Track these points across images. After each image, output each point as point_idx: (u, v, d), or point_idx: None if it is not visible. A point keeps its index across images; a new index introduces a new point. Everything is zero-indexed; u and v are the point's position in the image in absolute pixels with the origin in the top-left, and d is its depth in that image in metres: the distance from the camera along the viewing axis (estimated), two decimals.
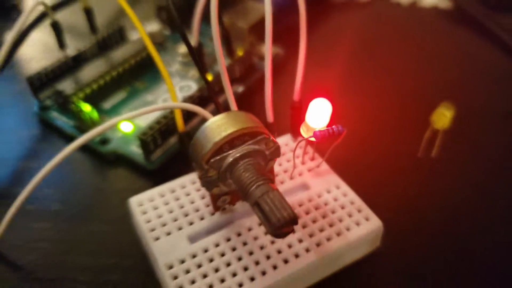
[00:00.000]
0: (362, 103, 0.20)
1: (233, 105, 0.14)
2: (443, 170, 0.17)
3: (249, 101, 0.19)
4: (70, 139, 0.18)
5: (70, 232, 0.15)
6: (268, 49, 0.13)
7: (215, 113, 0.13)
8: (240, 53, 0.20)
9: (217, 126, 0.12)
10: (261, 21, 0.21)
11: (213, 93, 0.15)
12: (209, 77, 0.20)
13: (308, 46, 0.15)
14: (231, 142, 0.12)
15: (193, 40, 0.19)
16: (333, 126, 0.13)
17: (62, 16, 0.22)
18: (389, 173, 0.17)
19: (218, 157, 0.12)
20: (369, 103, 0.20)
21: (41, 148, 0.19)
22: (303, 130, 0.14)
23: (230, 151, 0.12)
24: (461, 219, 0.15)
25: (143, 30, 0.16)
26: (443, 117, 0.17)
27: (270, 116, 0.14)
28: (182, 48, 0.22)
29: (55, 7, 0.22)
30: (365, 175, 0.16)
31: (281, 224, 0.11)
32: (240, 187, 0.12)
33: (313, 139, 0.13)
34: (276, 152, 0.13)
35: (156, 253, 0.13)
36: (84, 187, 0.17)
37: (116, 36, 0.22)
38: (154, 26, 0.22)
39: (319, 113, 0.14)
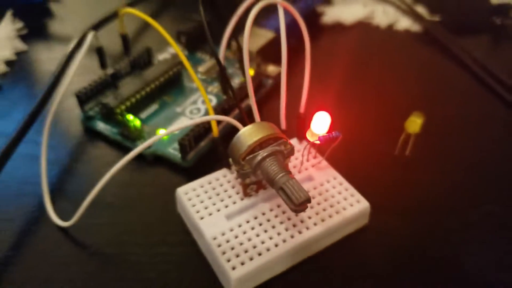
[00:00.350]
0: (349, 111, 0.24)
1: (257, 116, 0.18)
2: (415, 165, 0.21)
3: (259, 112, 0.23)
4: (114, 143, 0.22)
5: (124, 218, 0.19)
6: (284, 74, 0.18)
7: (238, 120, 0.17)
8: (251, 72, 0.25)
9: (249, 134, 0.16)
10: (266, 45, 0.26)
11: (240, 106, 0.19)
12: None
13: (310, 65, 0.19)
14: (260, 144, 0.16)
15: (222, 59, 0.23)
16: (333, 132, 0.17)
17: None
18: (373, 167, 0.21)
19: (251, 156, 0.16)
20: (355, 111, 0.24)
21: (86, 150, 0.23)
22: (308, 135, 0.19)
23: (260, 151, 0.16)
24: (431, 202, 0.20)
25: (182, 54, 0.19)
26: (414, 123, 0.22)
27: (283, 124, 0.19)
28: (201, 68, 0.26)
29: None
30: (355, 169, 0.20)
31: (300, 202, 0.15)
32: (267, 177, 0.16)
33: (318, 142, 0.17)
34: (292, 151, 0.17)
35: (203, 229, 0.17)
36: (131, 183, 0.20)
37: (144, 56, 0.26)
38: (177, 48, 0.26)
39: (321, 123, 0.18)
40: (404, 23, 0.32)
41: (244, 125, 0.17)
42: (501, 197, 0.20)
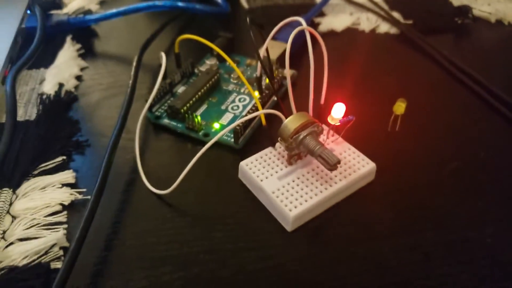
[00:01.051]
0: (349, 100, 0.31)
1: (293, 108, 0.25)
2: (403, 136, 0.29)
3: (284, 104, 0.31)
4: (180, 135, 0.29)
5: (203, 187, 0.26)
6: (311, 77, 0.25)
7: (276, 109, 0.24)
8: (275, 74, 0.32)
9: (293, 120, 0.24)
10: (282, 54, 0.33)
11: (279, 99, 0.26)
12: (257, 93, 0.31)
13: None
14: (301, 127, 0.24)
15: (258, 69, 0.30)
16: (349, 116, 0.25)
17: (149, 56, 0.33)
18: (374, 140, 0.29)
19: (296, 135, 0.24)
20: (353, 99, 0.31)
21: (154, 141, 0.29)
22: (330, 119, 0.26)
23: (301, 132, 0.24)
24: (416, 161, 0.27)
25: (236, 68, 0.27)
26: (400, 107, 0.29)
27: (311, 112, 0.26)
28: (234, 74, 0.33)
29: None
30: (361, 142, 0.28)
31: (334, 163, 0.23)
32: (308, 149, 0.23)
33: (338, 124, 0.25)
34: (322, 131, 0.24)
35: (264, 187, 0.24)
36: (199, 164, 0.26)
37: (189, 68, 0.33)
38: (213, 60, 0.33)
39: (339, 110, 0.26)
40: (384, 27, 0.40)
41: (282, 113, 0.24)
42: (463, 155, 0.28)
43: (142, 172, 0.26)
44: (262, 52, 0.28)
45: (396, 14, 0.40)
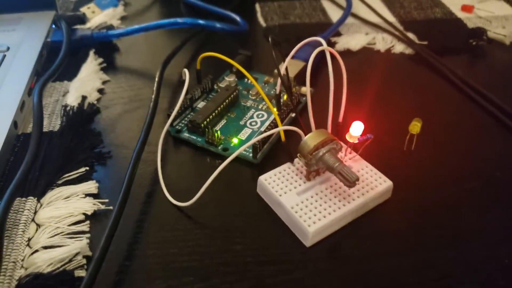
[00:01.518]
0: (365, 119, 0.32)
1: (313, 125, 0.26)
2: (418, 156, 0.29)
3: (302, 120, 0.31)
4: (199, 149, 0.30)
5: (222, 200, 0.26)
6: (331, 98, 0.26)
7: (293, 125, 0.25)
8: (293, 91, 0.33)
9: (313, 137, 0.24)
10: (300, 72, 0.34)
11: (298, 116, 0.27)
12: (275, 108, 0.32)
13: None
14: (321, 144, 0.24)
15: (278, 87, 0.31)
16: (367, 135, 0.25)
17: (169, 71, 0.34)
18: (389, 158, 0.29)
19: (315, 152, 0.24)
20: (369, 119, 0.32)
21: (174, 154, 0.30)
22: (348, 137, 0.27)
23: (321, 149, 0.24)
24: (430, 180, 0.28)
25: (257, 84, 0.27)
26: (416, 126, 0.30)
27: (329, 129, 0.27)
28: (252, 91, 0.34)
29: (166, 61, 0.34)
30: (377, 160, 0.28)
31: (353, 180, 0.23)
32: (327, 166, 0.24)
33: (356, 141, 0.25)
34: (341, 148, 0.25)
35: (284, 202, 0.25)
36: (218, 177, 0.26)
37: (208, 84, 0.34)
38: (232, 77, 0.34)
39: (358, 129, 0.26)
40: (399, 47, 0.40)
41: (301, 129, 0.25)
42: (480, 174, 0.28)
43: (163, 185, 0.27)
44: (282, 69, 0.29)
45: (411, 35, 0.41)
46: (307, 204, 0.25)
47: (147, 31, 0.38)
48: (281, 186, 0.26)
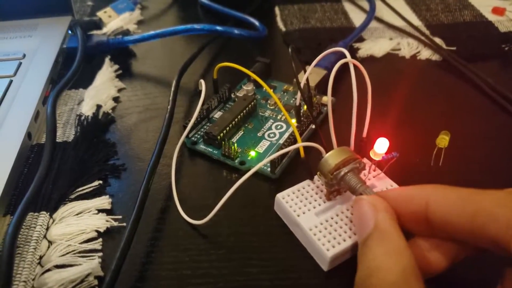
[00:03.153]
0: (389, 132, 0.30)
1: (334, 141, 0.24)
2: (447, 172, 0.28)
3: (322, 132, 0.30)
4: (215, 161, 0.29)
5: (238, 218, 0.25)
6: (354, 113, 0.24)
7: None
8: (313, 100, 0.31)
9: (335, 155, 0.23)
10: (321, 81, 0.33)
11: (319, 131, 0.26)
12: (294, 120, 0.31)
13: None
14: (343, 164, 0.23)
15: (298, 99, 0.30)
16: (392, 153, 0.24)
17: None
18: (415, 175, 0.28)
19: (336, 172, 0.23)
20: (394, 131, 0.30)
21: (189, 166, 0.29)
22: (372, 154, 0.25)
23: (343, 168, 0.23)
24: None
25: (275, 96, 0.26)
26: (443, 140, 0.28)
27: (352, 145, 0.25)
28: (271, 100, 0.33)
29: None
30: (402, 177, 0.27)
31: None
32: (349, 186, 0.23)
33: (380, 159, 0.24)
34: (363, 167, 0.24)
35: (301, 223, 0.23)
36: (234, 193, 0.25)
37: (225, 93, 0.32)
38: (249, 86, 0.33)
39: (383, 146, 0.25)
40: (426, 53, 0.38)
41: (322, 145, 0.24)
42: None
43: (178, 202, 0.26)
44: (302, 79, 0.28)
45: (438, 40, 0.39)
46: (327, 226, 0.23)
47: (164, 37, 0.37)
48: (300, 205, 0.24)
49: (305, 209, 0.24)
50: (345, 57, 0.25)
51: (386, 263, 0.18)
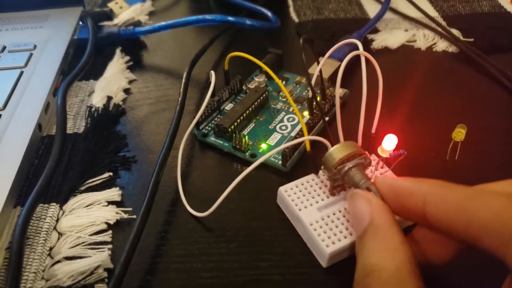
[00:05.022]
0: (403, 125, 0.29)
1: (341, 136, 0.24)
2: (463, 166, 0.27)
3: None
4: (226, 154, 0.28)
5: (249, 211, 0.25)
6: (363, 109, 0.24)
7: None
8: (327, 92, 0.31)
9: (339, 150, 0.22)
10: (334, 72, 0.32)
11: (327, 126, 0.25)
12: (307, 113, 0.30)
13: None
14: (347, 158, 0.22)
15: (310, 91, 0.29)
16: (400, 150, 0.23)
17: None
18: (429, 170, 0.27)
19: (341, 166, 0.22)
20: (407, 124, 0.30)
21: (200, 159, 0.29)
22: (379, 151, 0.24)
23: (347, 163, 0.22)
24: None
25: (286, 91, 0.26)
26: (460, 133, 0.27)
27: (360, 142, 0.25)
28: (283, 92, 0.32)
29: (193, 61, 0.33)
30: (416, 172, 0.26)
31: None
32: (353, 182, 0.22)
33: (388, 156, 0.23)
34: (369, 163, 0.23)
35: (302, 218, 0.23)
36: (244, 184, 0.24)
37: (237, 84, 0.32)
38: (261, 77, 0.32)
39: (391, 143, 0.24)
40: (442, 45, 0.37)
41: (329, 140, 0.23)
42: None
43: (182, 194, 0.25)
44: (316, 71, 0.27)
45: (455, 31, 0.38)
46: (328, 221, 0.23)
47: (175, 28, 0.37)
48: (302, 199, 0.24)
49: (307, 204, 0.23)
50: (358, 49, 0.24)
51: (381, 260, 0.18)
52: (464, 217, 0.17)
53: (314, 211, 0.23)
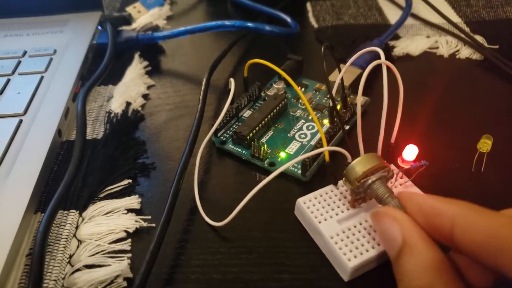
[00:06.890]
0: (426, 135, 0.29)
1: (361, 147, 0.23)
2: (489, 179, 0.26)
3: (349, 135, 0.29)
4: (243, 162, 0.28)
5: (270, 222, 0.24)
6: (383, 122, 0.23)
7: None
8: (348, 100, 0.30)
9: (363, 162, 0.22)
10: (356, 80, 0.32)
11: (346, 137, 0.25)
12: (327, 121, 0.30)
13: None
14: (371, 172, 0.22)
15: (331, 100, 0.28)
16: (422, 161, 0.22)
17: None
18: (454, 182, 0.26)
19: (364, 180, 0.22)
20: (431, 135, 0.29)
21: (218, 166, 0.29)
22: (399, 161, 0.24)
23: (371, 176, 0.22)
24: (505, 207, 0.25)
25: (305, 98, 0.25)
26: (486, 144, 0.26)
27: (379, 152, 0.24)
28: (302, 99, 0.32)
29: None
30: (440, 184, 0.26)
31: None
32: (376, 196, 0.21)
33: (409, 167, 0.23)
34: (392, 176, 0.22)
35: (322, 231, 0.22)
36: (263, 193, 0.24)
37: (255, 91, 0.32)
38: (280, 84, 0.32)
39: (411, 153, 0.23)
40: (466, 52, 0.37)
41: (348, 150, 0.23)
42: None
43: (199, 203, 0.25)
44: (337, 79, 0.27)
45: (479, 38, 0.37)
46: (349, 234, 0.22)
47: (194, 33, 0.37)
48: (322, 211, 0.23)
49: (327, 216, 0.23)
50: (380, 56, 0.24)
51: (426, 282, 0.17)
52: (495, 245, 0.16)
53: (334, 224, 0.23)
